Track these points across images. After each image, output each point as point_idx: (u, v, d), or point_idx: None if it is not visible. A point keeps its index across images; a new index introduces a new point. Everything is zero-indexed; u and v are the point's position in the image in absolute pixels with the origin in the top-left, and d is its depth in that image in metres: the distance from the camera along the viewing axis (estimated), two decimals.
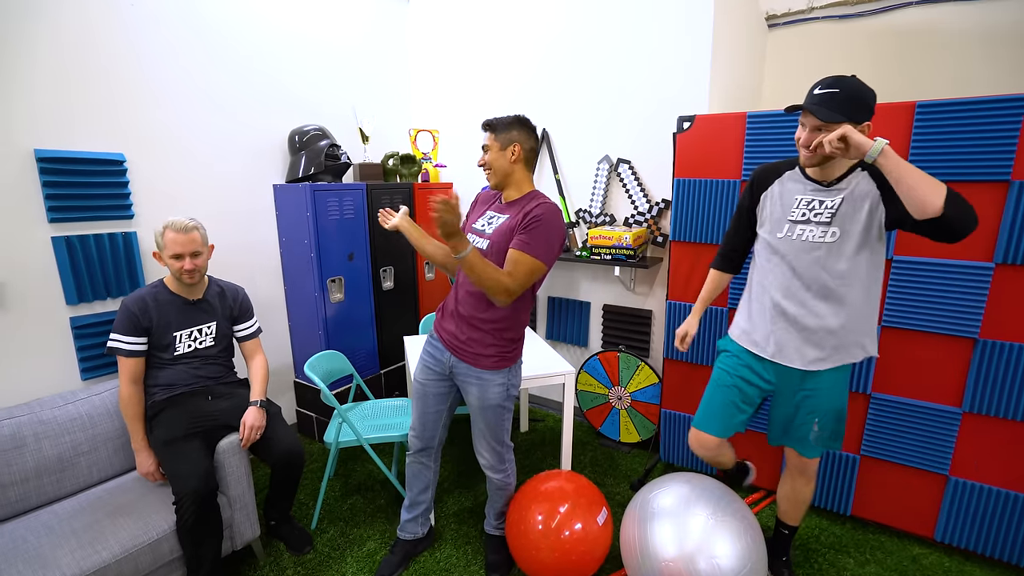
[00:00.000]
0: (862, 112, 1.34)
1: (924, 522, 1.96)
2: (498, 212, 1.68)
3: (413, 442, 1.86)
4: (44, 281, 1.88)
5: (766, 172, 1.63)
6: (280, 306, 2.77)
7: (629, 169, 2.63)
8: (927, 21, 3.01)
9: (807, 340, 1.54)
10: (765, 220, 1.61)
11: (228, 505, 1.79)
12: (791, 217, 1.53)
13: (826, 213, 1.47)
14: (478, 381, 1.67)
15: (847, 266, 1.46)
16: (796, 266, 1.53)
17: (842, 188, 1.45)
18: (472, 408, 1.73)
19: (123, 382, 1.77)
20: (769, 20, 3.43)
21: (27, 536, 1.54)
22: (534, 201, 1.59)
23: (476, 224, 1.71)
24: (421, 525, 1.96)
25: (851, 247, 1.45)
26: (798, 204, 1.52)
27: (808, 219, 1.50)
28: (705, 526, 1.55)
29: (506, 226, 1.59)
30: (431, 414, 1.80)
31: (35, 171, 1.83)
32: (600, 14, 2.62)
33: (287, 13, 2.62)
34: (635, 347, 2.76)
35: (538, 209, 1.53)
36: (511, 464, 1.85)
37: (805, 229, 1.51)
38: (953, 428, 1.84)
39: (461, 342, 1.67)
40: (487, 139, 1.64)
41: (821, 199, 1.49)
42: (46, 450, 1.72)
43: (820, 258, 1.49)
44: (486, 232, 1.65)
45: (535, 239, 1.51)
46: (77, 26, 1.90)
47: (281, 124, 2.64)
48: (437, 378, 1.76)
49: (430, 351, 1.78)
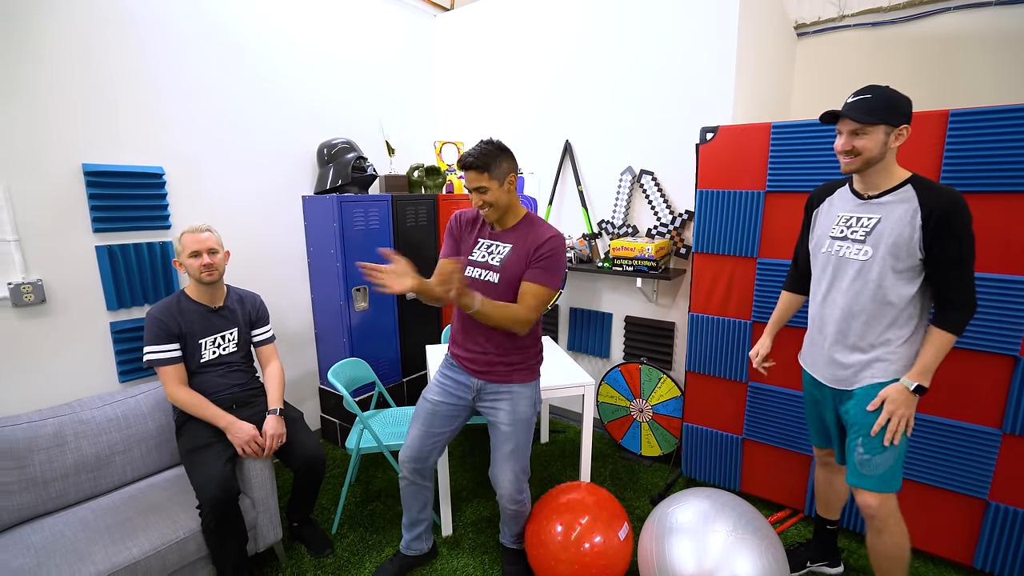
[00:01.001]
0: (897, 116, 1.35)
1: (962, 549, 1.86)
2: (498, 240, 1.66)
3: (407, 464, 1.78)
4: (88, 288, 1.99)
5: (821, 190, 1.64)
6: (307, 314, 2.85)
7: (652, 180, 2.61)
8: (965, 27, 2.91)
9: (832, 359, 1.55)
10: (813, 237, 1.63)
11: (252, 507, 1.84)
12: (831, 233, 1.53)
13: (861, 231, 1.45)
14: (509, 396, 1.69)
15: (875, 287, 1.43)
16: (831, 282, 1.53)
17: (883, 203, 1.42)
18: (501, 429, 1.71)
19: (172, 387, 1.82)
20: (798, 29, 3.38)
21: (65, 531, 1.62)
22: (538, 229, 1.61)
23: (476, 256, 1.67)
24: (425, 541, 1.96)
25: (879, 269, 1.41)
26: (839, 220, 1.52)
27: (846, 236, 1.49)
28: (725, 543, 1.52)
29: (515, 257, 1.60)
30: (433, 435, 1.76)
31: (82, 184, 1.94)
32: (622, 25, 2.63)
33: (315, 32, 2.72)
34: (657, 359, 2.72)
35: (551, 244, 1.57)
36: (527, 493, 1.82)
37: (843, 246, 1.49)
38: (993, 450, 1.75)
39: (489, 364, 1.68)
40: (479, 181, 1.54)
41: (859, 215, 1.47)
42: (85, 449, 1.81)
43: (852, 276, 1.47)
44: (492, 264, 1.62)
45: (550, 272, 1.58)
46: (123, 51, 2.02)
47: (310, 138, 2.74)
48: (454, 401, 1.75)
49: (452, 376, 1.76)
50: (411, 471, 1.80)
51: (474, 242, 1.70)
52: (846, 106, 1.38)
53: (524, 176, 3.13)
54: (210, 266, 1.87)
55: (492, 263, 1.63)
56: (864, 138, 1.36)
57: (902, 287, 1.40)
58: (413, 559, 1.95)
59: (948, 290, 1.37)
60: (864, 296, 1.45)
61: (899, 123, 1.35)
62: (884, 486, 1.45)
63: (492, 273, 1.62)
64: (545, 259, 1.57)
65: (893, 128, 1.35)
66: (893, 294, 1.41)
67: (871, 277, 1.43)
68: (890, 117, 1.34)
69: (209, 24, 2.28)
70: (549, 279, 1.58)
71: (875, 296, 1.43)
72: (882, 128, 1.35)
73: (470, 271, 1.66)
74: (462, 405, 1.77)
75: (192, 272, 1.88)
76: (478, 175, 1.54)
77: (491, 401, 1.71)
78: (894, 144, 1.37)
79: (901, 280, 1.40)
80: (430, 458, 1.80)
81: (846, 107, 1.38)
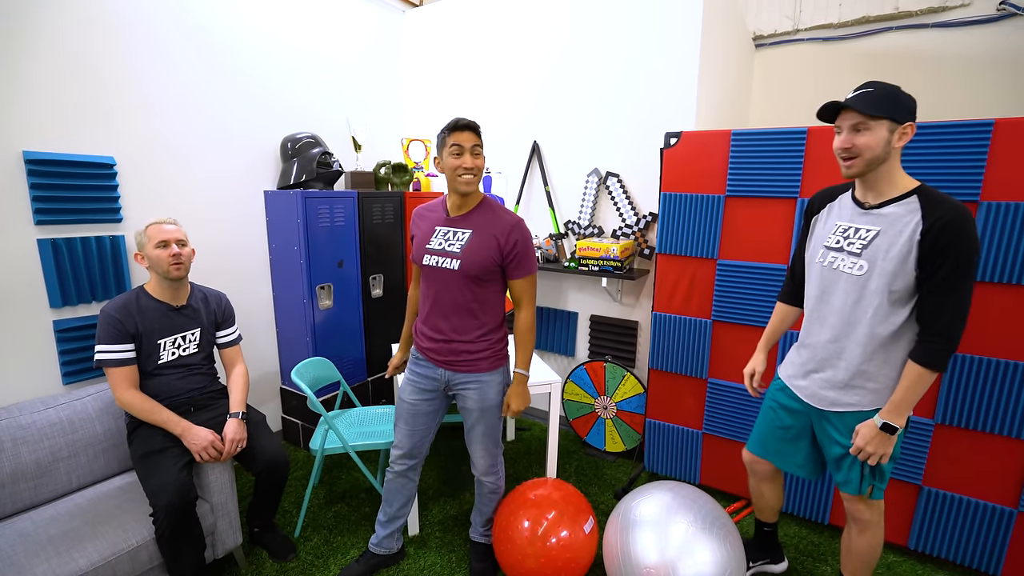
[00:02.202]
0: (902, 111, 1.25)
1: (898, 530, 2.00)
2: (454, 227, 1.64)
3: (401, 460, 1.83)
4: (28, 283, 1.86)
5: (821, 196, 1.53)
6: (268, 312, 2.76)
7: (618, 182, 2.67)
8: (907, 46, 3.13)
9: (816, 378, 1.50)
10: (809, 245, 1.54)
11: (211, 512, 1.77)
12: (826, 243, 1.45)
13: (859, 243, 1.35)
14: (477, 385, 1.70)
15: (867, 307, 1.34)
16: (822, 296, 1.45)
17: (884, 215, 1.31)
18: (470, 413, 1.74)
19: (121, 391, 1.72)
20: (756, 40, 3.53)
21: (1, 545, 1.51)
22: (500, 216, 1.62)
23: (432, 244, 1.65)
24: (396, 540, 1.95)
25: (874, 288, 1.32)
26: (836, 229, 1.42)
27: (841, 247, 1.39)
28: (686, 534, 1.58)
29: (477, 243, 1.59)
30: (421, 431, 1.80)
31: (23, 172, 1.82)
32: (590, 29, 2.68)
33: (282, 23, 2.64)
34: (621, 357, 2.79)
35: (518, 233, 1.60)
36: (502, 467, 1.87)
37: (837, 257, 1.40)
38: (926, 439, 1.89)
39: (453, 356, 1.68)
40: (476, 139, 1.56)
41: (858, 225, 1.37)
42: (24, 455, 1.69)
43: (844, 291, 1.38)
44: (451, 251, 1.61)
45: (528, 260, 1.64)
46: (72, 32, 1.90)
47: (274, 131, 2.65)
48: (429, 396, 1.76)
49: (419, 372, 1.76)
50: (403, 466, 1.84)
51: (430, 229, 1.68)
52: (849, 98, 1.28)
53: (492, 175, 3.14)
54: (179, 256, 1.78)
55: (451, 250, 1.61)
56: (866, 134, 1.26)
57: (896, 309, 1.31)
58: (381, 559, 1.93)
59: (928, 315, 1.27)
60: (855, 314, 1.37)
61: (904, 120, 1.25)
62: (878, 493, 1.47)
63: (451, 260, 1.60)
64: (519, 251, 1.61)
65: (898, 125, 1.25)
66: (886, 315, 1.32)
67: (864, 295, 1.34)
68: (895, 112, 1.24)
69: (171, 7, 2.18)
70: (530, 266, 1.65)
71: (866, 315, 1.35)
72: (886, 124, 1.24)
73: (427, 259, 1.64)
74: (437, 398, 1.78)
75: (159, 265, 1.77)
76: (475, 135, 1.57)
77: (460, 389, 1.73)
78: (898, 144, 1.27)
79: (895, 301, 1.31)
80: (421, 452, 1.85)
81: (849, 98, 1.28)
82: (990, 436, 1.80)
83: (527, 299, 1.67)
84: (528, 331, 1.69)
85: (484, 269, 1.59)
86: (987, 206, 1.69)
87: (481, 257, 1.58)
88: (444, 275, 1.62)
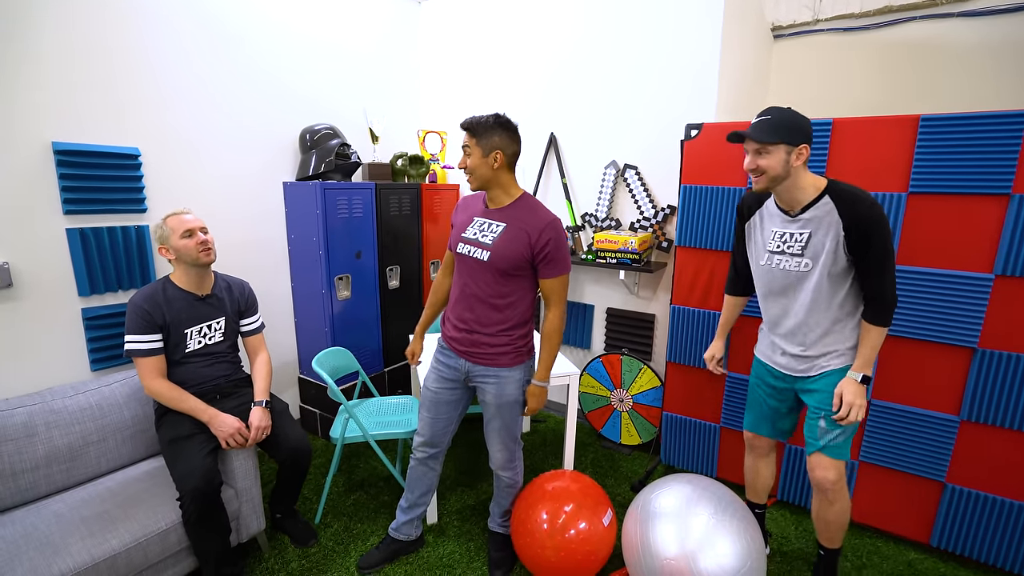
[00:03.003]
0: (796, 135, 1.45)
1: (920, 528, 1.99)
2: (490, 219, 1.65)
3: (422, 448, 1.86)
4: (57, 272, 1.90)
5: (749, 201, 1.72)
6: (287, 302, 2.79)
7: (636, 174, 2.66)
8: (932, 35, 3.06)
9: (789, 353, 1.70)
10: (751, 247, 1.72)
11: (235, 498, 1.81)
12: (769, 247, 1.64)
13: (797, 245, 1.57)
14: (496, 380, 1.70)
15: (818, 293, 1.55)
16: (778, 292, 1.66)
17: (808, 219, 1.53)
18: (488, 407, 1.75)
19: (150, 379, 1.75)
20: (775, 31, 3.47)
21: (38, 524, 1.56)
22: (536, 213, 1.61)
23: (467, 234, 1.67)
24: (416, 528, 1.98)
25: (818, 276, 1.54)
26: (773, 235, 1.63)
27: (783, 250, 1.60)
28: (706, 525, 1.58)
29: (508, 237, 1.59)
30: (443, 420, 1.82)
31: (52, 163, 1.85)
32: (611, 21, 2.66)
33: (300, 16, 2.65)
34: (638, 350, 2.79)
35: (551, 232, 1.59)
36: (520, 462, 1.88)
37: (782, 259, 1.61)
38: (951, 436, 1.87)
39: (474, 348, 1.69)
40: (467, 141, 1.60)
41: (791, 231, 1.58)
42: (56, 439, 1.74)
43: (796, 286, 1.60)
44: (483, 242, 1.62)
45: (560, 260, 1.63)
46: (97, 25, 1.93)
47: (293, 123, 2.67)
48: (452, 386, 1.78)
49: (443, 360, 1.79)
50: (425, 454, 1.86)
51: (468, 219, 1.71)
52: (750, 127, 1.49)
53: None
54: (206, 243, 1.81)
55: (483, 241, 1.63)
56: (767, 157, 1.46)
57: (839, 287, 1.54)
58: (401, 544, 1.95)
59: (874, 289, 1.50)
60: (811, 301, 1.57)
61: (798, 142, 1.45)
62: (840, 455, 1.62)
63: (481, 251, 1.62)
64: (551, 250, 1.59)
65: (793, 147, 1.45)
66: (834, 294, 1.55)
67: (812, 284, 1.56)
68: (789, 137, 1.44)
69: (194, 3, 2.20)
70: (562, 266, 1.64)
71: (820, 301, 1.56)
72: (783, 147, 1.45)
73: (461, 247, 1.68)
74: (459, 388, 1.80)
75: (188, 254, 1.79)
76: (467, 136, 1.61)
77: (479, 382, 1.74)
78: (796, 163, 1.47)
79: (838, 282, 1.54)
80: (443, 440, 1.87)
81: (749, 128, 1.49)
82: (1017, 433, 1.77)
83: (556, 299, 1.66)
84: (555, 332, 1.68)
85: (513, 263, 1.60)
86: (1020, 199, 1.66)
87: (511, 251, 1.59)
88: (474, 265, 1.64)
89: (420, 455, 1.87)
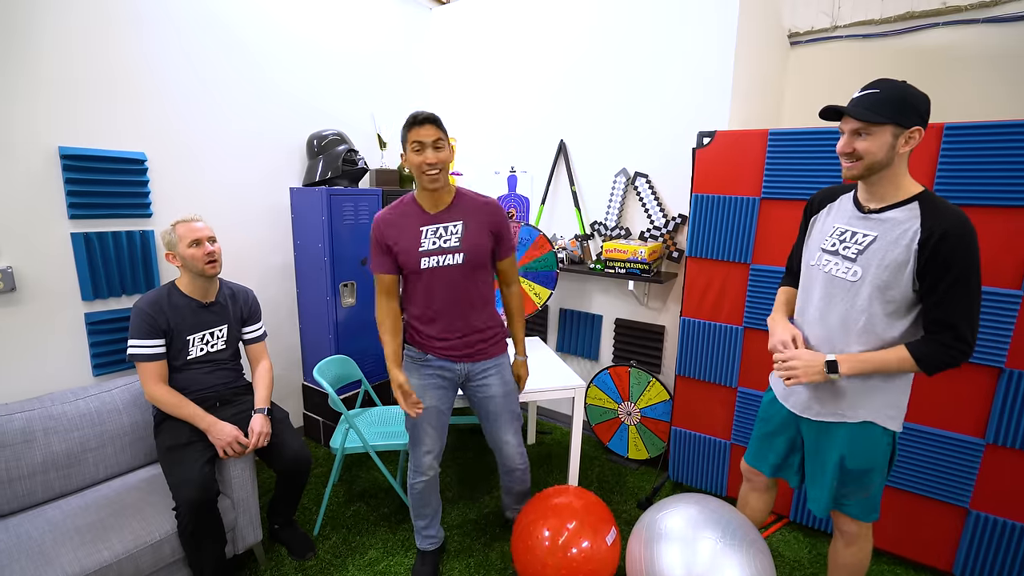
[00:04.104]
0: (908, 115, 1.17)
1: (943, 556, 1.89)
2: (442, 222, 1.61)
3: (433, 463, 1.79)
4: (61, 276, 1.90)
5: (822, 195, 1.47)
6: (292, 309, 2.78)
7: (646, 183, 2.61)
8: (955, 42, 2.97)
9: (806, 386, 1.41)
10: (807, 245, 1.48)
11: (232, 508, 1.78)
12: (823, 245, 1.39)
13: (855, 247, 1.29)
14: (497, 369, 1.76)
15: (859, 315, 1.28)
16: (815, 301, 1.39)
17: (883, 220, 1.25)
18: (494, 399, 1.77)
19: (151, 385, 1.74)
20: (791, 38, 3.40)
21: (31, 532, 1.54)
22: (481, 200, 1.67)
23: (426, 246, 1.59)
24: (439, 530, 1.97)
25: (866, 295, 1.26)
26: (833, 232, 1.37)
27: (837, 251, 1.34)
28: (713, 550, 1.51)
29: (474, 232, 1.62)
30: (445, 427, 1.82)
31: (58, 168, 1.85)
32: (621, 25, 2.62)
33: (309, 21, 2.65)
34: (646, 363, 2.72)
35: (499, 213, 1.68)
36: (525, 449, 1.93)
37: (831, 261, 1.35)
38: (975, 460, 1.78)
39: (471, 348, 1.71)
40: (436, 133, 1.51)
41: (856, 229, 1.31)
42: (54, 445, 1.73)
43: (838, 299, 1.33)
44: (449, 247, 1.59)
45: (511, 236, 1.75)
46: (103, 30, 1.93)
47: (301, 129, 2.66)
48: (448, 393, 1.78)
49: (434, 371, 1.73)
50: (435, 468, 1.83)
51: (414, 233, 1.60)
52: (851, 102, 1.22)
53: (517, 175, 3.10)
54: (212, 254, 1.80)
55: (448, 245, 1.60)
56: (868, 139, 1.19)
57: (892, 320, 1.26)
58: (438, 550, 1.96)
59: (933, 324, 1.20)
60: (847, 323, 1.30)
61: (911, 124, 1.17)
62: (866, 516, 1.43)
63: (454, 256, 1.60)
64: (504, 230, 1.69)
65: (903, 130, 1.17)
66: (880, 326, 1.26)
67: (858, 303, 1.28)
68: (900, 116, 1.16)
69: (201, 8, 2.20)
70: (513, 241, 1.75)
71: (859, 325, 1.29)
72: (889, 129, 1.17)
73: (425, 262, 1.59)
74: (453, 391, 1.81)
75: (194, 264, 1.78)
76: (436, 128, 1.52)
77: (481, 380, 1.75)
78: (904, 149, 1.20)
79: (891, 312, 1.25)
80: (444, 444, 1.86)
81: (850, 103, 1.22)
82: None
83: (514, 274, 1.78)
84: (521, 305, 1.83)
85: (484, 255, 1.65)
86: None
87: (480, 244, 1.62)
88: (447, 273, 1.61)
89: (434, 469, 1.81)
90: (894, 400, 1.34)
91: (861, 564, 1.52)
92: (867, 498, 1.40)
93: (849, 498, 1.42)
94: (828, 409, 1.39)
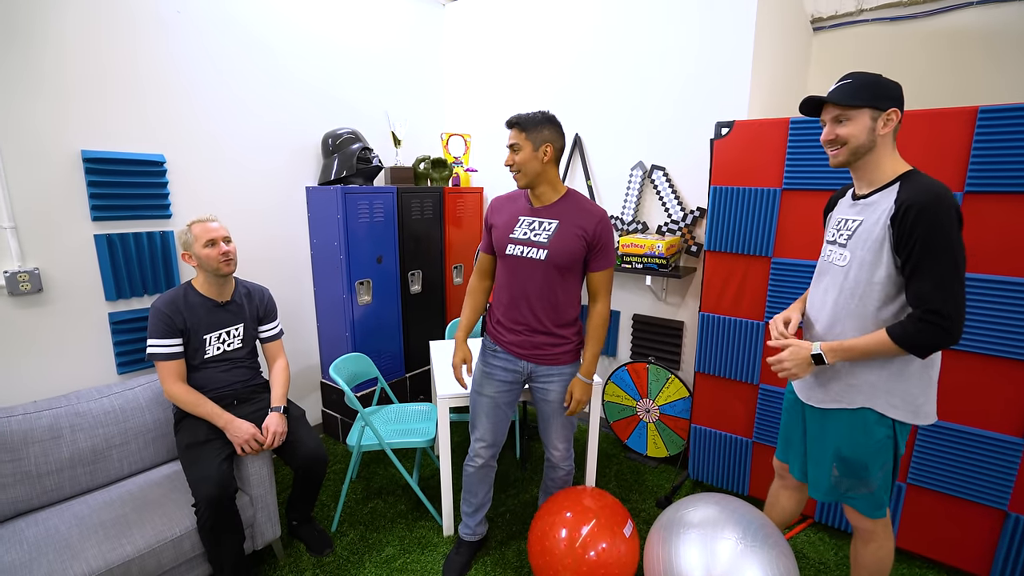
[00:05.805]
0: (883, 98, 1.22)
1: (979, 560, 1.81)
2: (539, 217, 1.64)
3: (484, 451, 1.84)
4: (85, 277, 1.95)
5: (836, 194, 1.51)
6: (309, 307, 2.80)
7: (663, 176, 2.55)
8: (985, 24, 2.83)
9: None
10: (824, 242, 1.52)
11: (250, 504, 1.80)
12: (827, 237, 1.45)
13: (846, 233, 1.34)
14: (560, 377, 1.73)
15: (850, 300, 1.31)
16: (820, 289, 1.44)
17: (867, 204, 1.29)
18: (551, 404, 1.75)
19: (169, 383, 1.77)
20: (815, 23, 3.29)
21: (59, 526, 1.58)
22: (587, 207, 1.62)
23: (517, 234, 1.65)
24: (484, 524, 1.98)
25: (854, 279, 1.30)
26: (835, 223, 1.43)
27: (836, 240, 1.39)
28: (734, 551, 1.47)
29: (564, 234, 1.60)
30: (503, 421, 1.82)
31: (81, 171, 1.89)
32: (635, 16, 2.56)
33: (323, 20, 2.66)
34: (665, 359, 2.67)
35: (605, 225, 1.62)
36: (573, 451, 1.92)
37: (831, 251, 1.40)
38: (1015, 461, 1.69)
39: (536, 349, 1.70)
40: (516, 138, 1.59)
41: (849, 216, 1.36)
42: (81, 442, 1.77)
43: (833, 286, 1.37)
44: (537, 241, 1.61)
45: (610, 253, 1.66)
46: (123, 34, 1.96)
47: (315, 127, 2.68)
48: (510, 388, 1.78)
49: (499, 364, 1.76)
50: (488, 456, 1.85)
51: (512, 220, 1.68)
52: (828, 92, 1.28)
53: None
54: (228, 254, 1.82)
55: (537, 240, 1.62)
56: (848, 124, 1.25)
57: (881, 303, 1.26)
58: (477, 544, 1.97)
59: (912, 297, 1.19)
60: (843, 307, 1.33)
61: (887, 106, 1.22)
62: (871, 512, 1.41)
63: (538, 250, 1.61)
64: (604, 244, 1.62)
65: (880, 112, 1.22)
66: (871, 308, 1.27)
67: (847, 287, 1.31)
68: (875, 100, 1.22)
69: (217, 10, 2.23)
70: (611, 258, 1.67)
71: (851, 309, 1.31)
72: (867, 112, 1.22)
73: (511, 248, 1.65)
74: (518, 387, 1.80)
75: (209, 263, 1.81)
76: (516, 132, 1.59)
77: (543, 382, 1.74)
78: (883, 131, 1.23)
79: (879, 293, 1.26)
80: (503, 439, 1.87)
81: (828, 93, 1.28)
82: None
83: (604, 291, 1.68)
84: (603, 324, 1.70)
85: (570, 260, 1.61)
86: None
87: (568, 247, 1.59)
88: (529, 265, 1.62)
89: (484, 457, 1.85)
90: (903, 389, 1.30)
91: (882, 563, 1.48)
92: (870, 494, 1.39)
93: (852, 491, 1.41)
94: (830, 396, 1.40)
